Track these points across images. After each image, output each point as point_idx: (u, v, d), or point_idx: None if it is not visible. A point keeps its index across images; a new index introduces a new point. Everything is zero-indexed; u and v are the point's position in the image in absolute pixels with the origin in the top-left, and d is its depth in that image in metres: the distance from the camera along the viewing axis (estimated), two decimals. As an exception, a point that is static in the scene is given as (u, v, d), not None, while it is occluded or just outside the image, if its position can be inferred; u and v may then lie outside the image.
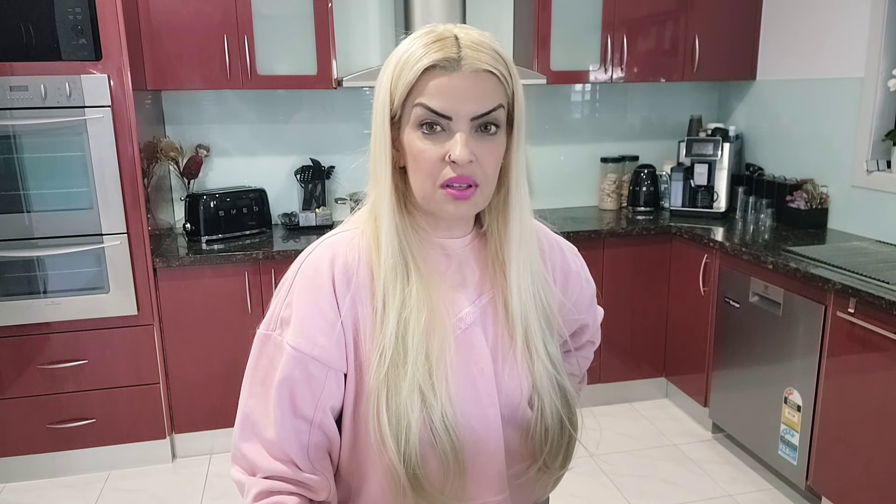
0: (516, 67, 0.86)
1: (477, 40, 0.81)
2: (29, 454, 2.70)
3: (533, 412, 0.92)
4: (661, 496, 2.57)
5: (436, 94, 0.79)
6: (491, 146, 0.83)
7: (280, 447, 0.84)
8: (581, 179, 3.60)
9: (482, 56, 0.80)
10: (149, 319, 2.67)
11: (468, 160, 0.80)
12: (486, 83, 0.80)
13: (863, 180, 2.78)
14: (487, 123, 0.81)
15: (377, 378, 0.83)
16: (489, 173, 0.83)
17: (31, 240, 2.52)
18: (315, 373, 0.84)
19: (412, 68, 0.80)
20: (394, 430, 0.82)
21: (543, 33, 3.05)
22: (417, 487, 0.83)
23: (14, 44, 2.38)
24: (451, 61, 0.79)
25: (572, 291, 1.04)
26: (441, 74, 0.79)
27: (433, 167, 0.82)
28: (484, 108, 0.80)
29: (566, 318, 1.03)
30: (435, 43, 0.80)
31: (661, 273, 3.15)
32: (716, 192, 3.28)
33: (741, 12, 3.24)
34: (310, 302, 0.84)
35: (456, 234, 0.92)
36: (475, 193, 0.83)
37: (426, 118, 0.80)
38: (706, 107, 3.64)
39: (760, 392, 2.60)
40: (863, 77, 2.75)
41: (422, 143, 0.81)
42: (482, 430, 0.89)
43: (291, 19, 2.85)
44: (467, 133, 0.80)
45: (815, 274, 2.27)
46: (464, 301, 0.91)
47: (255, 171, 3.22)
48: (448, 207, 0.83)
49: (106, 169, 2.51)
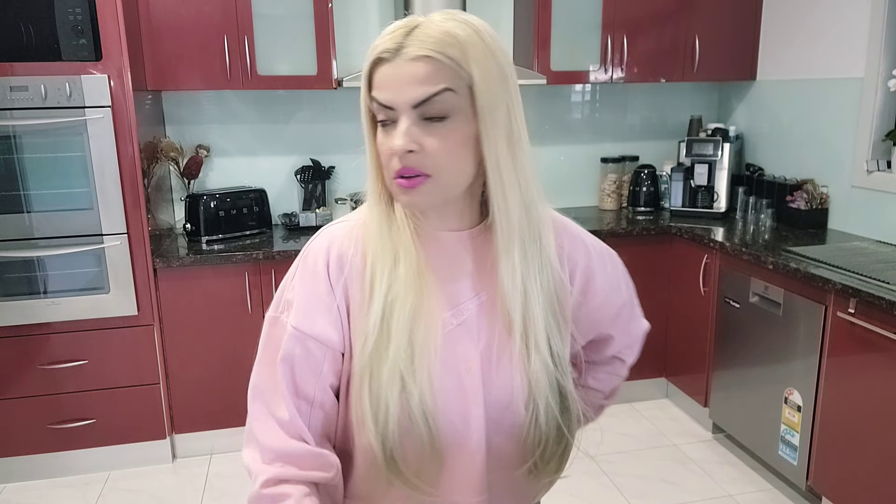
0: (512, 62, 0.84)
1: (433, 25, 0.79)
2: (29, 454, 2.70)
3: (527, 415, 0.89)
4: (661, 496, 2.57)
5: (380, 86, 0.79)
6: (440, 134, 0.79)
7: (293, 424, 0.86)
8: (581, 179, 3.60)
9: (426, 41, 0.77)
10: (149, 320, 2.67)
11: (405, 149, 0.78)
12: (425, 68, 0.77)
13: (863, 180, 2.78)
14: (432, 111, 0.78)
15: (361, 360, 0.85)
16: (441, 162, 0.80)
17: (32, 240, 2.52)
18: (315, 351, 0.86)
19: (366, 63, 0.81)
20: (373, 411, 0.83)
21: (543, 33, 3.05)
22: (393, 469, 0.85)
23: (14, 44, 2.38)
24: (391, 51, 0.78)
25: (594, 295, 0.98)
26: (384, 65, 0.79)
27: (387, 160, 0.81)
28: (423, 94, 0.77)
29: (583, 323, 0.98)
30: (389, 34, 0.79)
31: (661, 273, 3.15)
32: (716, 192, 3.28)
33: (741, 12, 3.24)
34: (309, 286, 0.87)
35: (451, 227, 0.90)
36: (425, 182, 0.80)
37: (378, 111, 0.81)
38: (706, 107, 3.64)
39: (761, 392, 2.60)
40: (863, 77, 2.75)
41: (380, 136, 0.82)
42: (462, 428, 0.88)
43: (291, 19, 2.85)
44: (410, 122, 0.79)
45: (816, 274, 2.27)
46: (459, 297, 0.89)
47: (255, 171, 3.22)
48: (401, 198, 0.83)
49: (106, 169, 2.51)
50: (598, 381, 1.10)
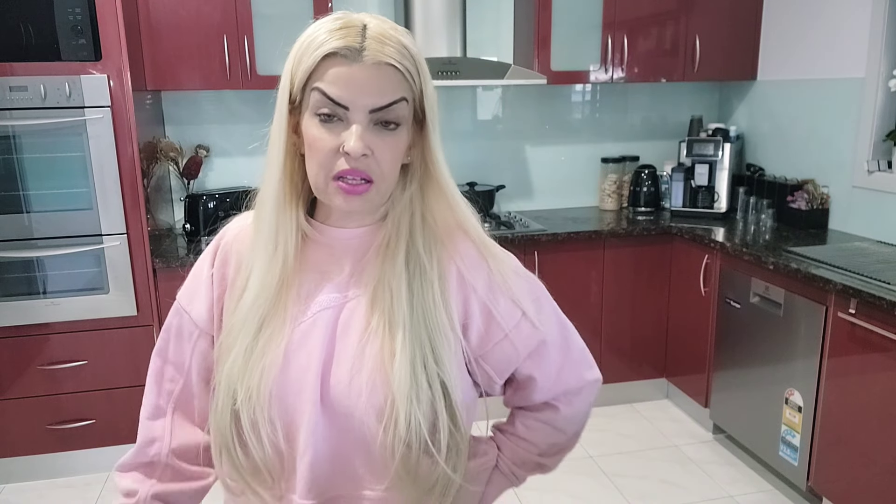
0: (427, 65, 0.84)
1: (386, 33, 0.78)
2: (29, 455, 2.70)
3: (379, 426, 0.81)
4: (661, 497, 2.56)
5: (334, 82, 0.77)
6: (389, 142, 0.80)
7: (152, 403, 0.97)
8: (581, 180, 3.59)
9: (387, 49, 0.77)
10: (148, 320, 2.67)
11: (362, 153, 0.77)
12: (387, 76, 0.78)
13: (864, 181, 2.78)
14: (387, 119, 0.79)
15: (216, 352, 0.89)
16: (385, 170, 0.80)
17: (31, 240, 2.52)
18: (188, 326, 0.93)
19: (312, 53, 0.78)
20: (213, 404, 0.87)
21: (544, 33, 3.04)
22: (228, 460, 0.86)
23: (14, 44, 2.38)
24: (352, 50, 0.77)
25: (497, 326, 0.88)
26: (341, 63, 0.77)
27: (327, 158, 0.79)
28: (383, 101, 0.78)
29: (493, 358, 0.90)
30: (340, 30, 0.78)
31: (661, 273, 3.15)
32: (716, 192, 3.27)
33: (742, 12, 3.23)
34: (197, 270, 0.95)
35: (349, 225, 0.88)
36: (369, 190, 0.80)
37: (322, 105, 0.78)
38: (707, 107, 3.64)
39: (761, 393, 2.60)
40: (863, 77, 2.75)
41: (317, 131, 0.79)
42: (295, 429, 0.85)
43: (291, 19, 2.85)
44: (364, 126, 0.78)
45: (816, 274, 2.26)
46: (321, 291, 0.87)
47: (255, 171, 3.20)
48: (337, 200, 0.81)
49: (106, 169, 2.51)
50: (529, 431, 0.98)
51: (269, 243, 0.85)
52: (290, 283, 0.86)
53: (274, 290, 0.85)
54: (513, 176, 3.49)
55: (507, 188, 3.45)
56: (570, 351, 0.96)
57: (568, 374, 0.96)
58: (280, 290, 0.85)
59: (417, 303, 0.84)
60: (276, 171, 0.85)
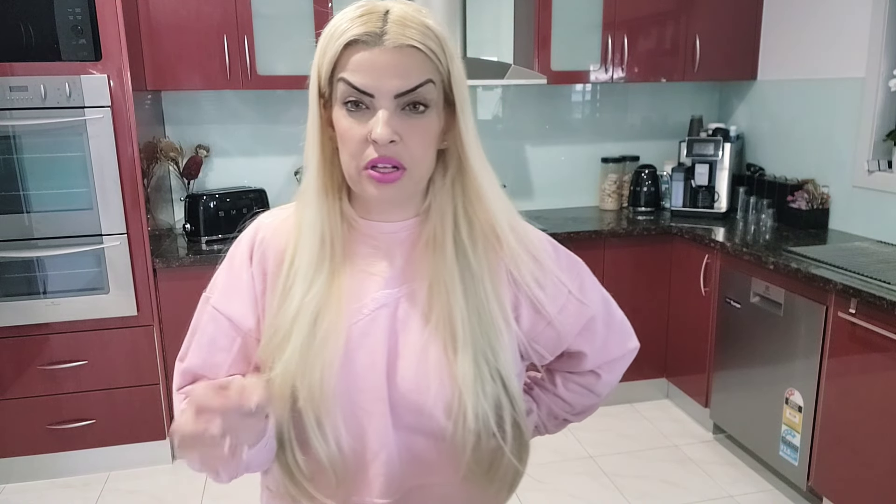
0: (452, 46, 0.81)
1: (408, 15, 0.77)
2: (29, 455, 2.70)
3: (449, 421, 0.83)
4: (661, 497, 2.56)
5: (357, 70, 0.76)
6: (419, 125, 0.78)
7: (202, 371, 0.89)
8: (582, 179, 3.59)
9: (408, 31, 0.76)
10: (149, 320, 2.67)
11: (389, 139, 0.76)
12: (410, 59, 0.76)
13: (864, 180, 2.78)
14: (415, 102, 0.77)
15: (263, 351, 0.85)
16: (417, 155, 0.79)
17: (31, 240, 2.52)
18: (228, 331, 0.88)
19: (335, 43, 0.77)
20: None
21: (544, 33, 3.04)
22: (288, 473, 0.84)
23: (14, 44, 2.38)
24: (372, 36, 0.75)
25: (548, 306, 0.90)
26: (363, 49, 0.76)
27: (357, 147, 0.78)
28: (408, 85, 0.76)
29: (544, 337, 0.92)
30: (361, 17, 0.77)
31: (661, 273, 3.15)
32: (717, 192, 3.27)
33: (742, 12, 3.23)
34: (232, 270, 0.89)
35: (392, 218, 0.87)
36: (402, 177, 0.79)
37: (349, 95, 0.77)
38: (707, 107, 3.64)
39: (761, 393, 2.60)
40: (864, 77, 2.75)
41: (346, 122, 0.79)
42: (362, 427, 0.84)
43: (291, 19, 2.85)
44: (391, 111, 0.77)
45: (817, 274, 2.26)
46: (374, 286, 0.85)
47: (255, 171, 3.22)
48: (370, 190, 0.79)
49: (106, 169, 2.51)
50: (570, 393, 1.02)
51: (315, 237, 0.84)
52: (340, 277, 0.84)
53: (325, 284, 0.83)
54: (513, 176, 3.49)
55: (508, 188, 3.41)
56: (613, 321, 1.00)
57: (613, 344, 1.00)
58: (331, 283, 0.83)
59: (471, 298, 0.84)
60: (315, 167, 0.84)
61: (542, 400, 1.03)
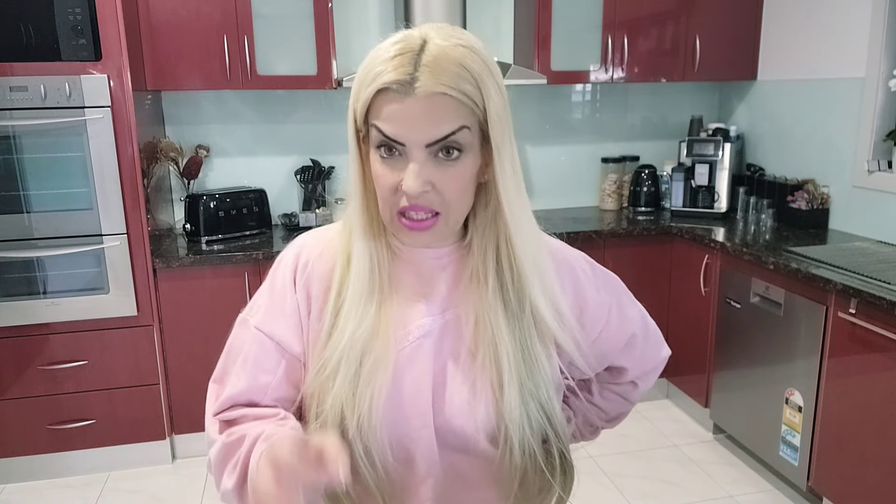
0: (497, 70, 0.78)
1: (443, 54, 0.73)
2: (29, 455, 2.70)
3: (494, 447, 0.84)
4: (661, 497, 2.56)
5: (388, 119, 0.74)
6: (453, 171, 0.77)
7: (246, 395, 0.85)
8: (582, 180, 3.59)
9: (442, 76, 0.72)
10: (149, 320, 2.67)
11: (420, 191, 0.75)
12: (442, 107, 0.73)
13: (864, 180, 2.78)
14: (448, 147, 0.75)
15: (312, 383, 0.84)
16: (452, 199, 0.78)
17: (31, 240, 2.52)
18: (273, 353, 0.85)
19: (367, 88, 0.76)
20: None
21: (544, 33, 3.04)
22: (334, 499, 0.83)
23: (14, 44, 2.38)
24: (403, 84, 0.73)
25: (592, 326, 0.92)
26: (394, 99, 0.74)
27: (389, 194, 0.78)
28: (439, 134, 0.74)
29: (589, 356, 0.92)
30: (395, 58, 0.74)
31: (661, 273, 3.15)
32: (717, 192, 3.27)
33: (742, 12, 3.23)
34: (274, 293, 0.88)
35: (433, 245, 0.87)
36: (436, 223, 0.78)
37: (381, 142, 0.76)
38: (707, 107, 3.64)
39: (761, 393, 2.60)
40: (864, 77, 2.75)
41: (380, 167, 0.78)
42: (409, 452, 0.84)
43: (291, 19, 2.85)
44: (422, 161, 0.75)
45: (817, 274, 2.26)
46: (418, 314, 0.85)
47: (255, 171, 3.22)
48: (404, 237, 0.81)
49: (106, 169, 2.51)
50: (606, 401, 1.05)
51: (364, 270, 0.83)
52: (388, 307, 0.84)
53: (374, 316, 0.83)
54: (513, 176, 3.49)
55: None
56: (650, 334, 1.03)
57: (649, 355, 1.04)
58: (380, 314, 0.83)
59: (516, 333, 0.84)
60: (358, 199, 0.84)
61: (579, 408, 1.05)
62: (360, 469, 0.80)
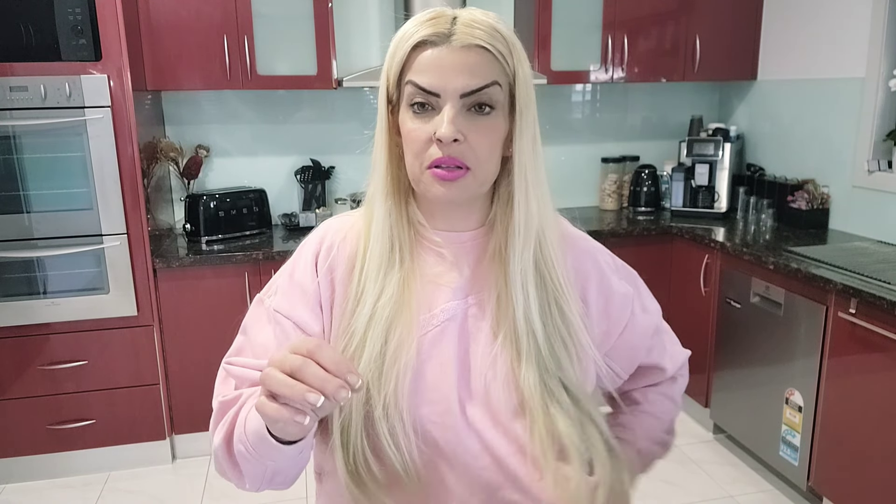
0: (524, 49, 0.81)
1: (476, 18, 0.78)
2: (29, 455, 2.70)
3: (522, 430, 0.83)
4: (661, 497, 2.56)
5: (424, 70, 0.77)
6: (484, 127, 0.78)
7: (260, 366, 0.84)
8: (582, 180, 3.59)
9: (476, 31, 0.77)
10: (149, 320, 2.67)
11: (453, 138, 0.76)
12: (477, 58, 0.77)
13: (864, 180, 2.78)
14: (480, 102, 0.77)
15: None
16: (482, 156, 0.79)
17: (31, 240, 2.52)
18: (290, 333, 0.85)
19: (403, 45, 0.79)
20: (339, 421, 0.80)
21: (544, 33, 3.04)
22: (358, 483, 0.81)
23: (14, 44, 2.38)
24: (440, 36, 0.77)
25: (619, 314, 0.91)
26: (430, 48, 0.77)
27: (421, 147, 0.78)
28: (474, 85, 0.76)
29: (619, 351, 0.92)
30: (430, 21, 0.78)
31: (661, 273, 3.15)
32: (717, 192, 3.27)
33: (742, 12, 3.23)
34: (294, 275, 0.88)
35: (458, 228, 0.87)
36: (465, 176, 0.79)
37: (415, 96, 0.78)
38: (707, 107, 3.64)
39: (761, 393, 2.60)
40: (864, 77, 2.75)
41: (412, 123, 0.79)
42: (434, 436, 0.82)
43: (291, 19, 2.85)
44: (456, 110, 0.77)
45: (817, 274, 2.26)
46: (443, 297, 0.85)
47: (255, 171, 3.22)
48: (434, 189, 0.79)
49: (106, 169, 2.51)
50: (654, 405, 1.01)
51: (384, 240, 0.84)
52: (411, 286, 0.84)
53: (397, 291, 0.82)
54: (513, 176, 3.49)
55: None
56: (666, 326, 1.03)
57: (677, 350, 1.04)
58: (403, 291, 0.83)
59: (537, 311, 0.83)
60: (382, 171, 0.84)
61: (633, 424, 1.00)
62: (386, 451, 0.80)
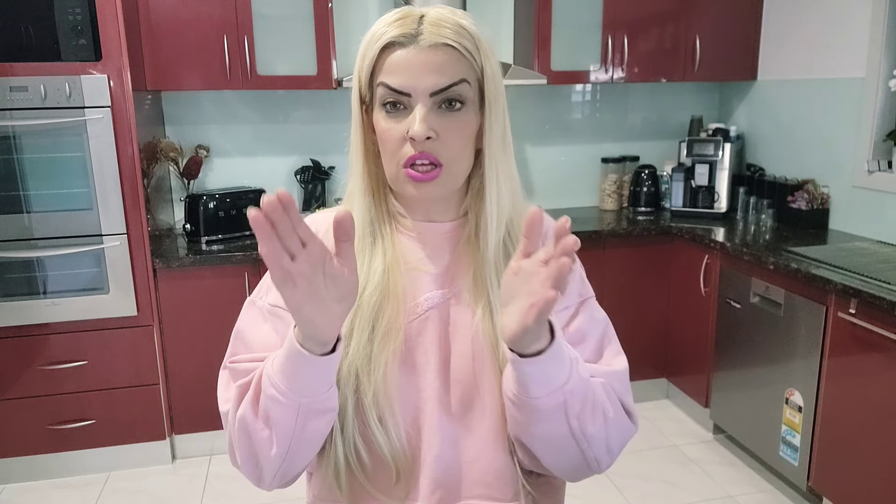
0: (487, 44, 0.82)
1: (443, 17, 0.80)
2: (29, 455, 2.70)
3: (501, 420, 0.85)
4: (661, 497, 2.56)
5: (394, 71, 0.79)
6: (456, 123, 0.80)
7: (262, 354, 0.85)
8: (582, 180, 3.59)
9: (443, 30, 0.79)
10: (149, 320, 2.67)
11: (425, 135, 0.78)
12: (445, 57, 0.79)
13: (864, 180, 2.78)
14: (450, 99, 0.80)
15: None
16: (455, 151, 0.81)
17: (31, 240, 2.52)
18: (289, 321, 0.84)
19: (373, 47, 0.81)
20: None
21: (544, 33, 3.04)
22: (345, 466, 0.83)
23: (14, 44, 2.38)
24: (407, 37, 0.78)
25: (569, 292, 0.92)
26: (399, 49, 0.79)
27: (395, 146, 0.81)
28: (443, 83, 0.79)
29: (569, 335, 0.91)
30: (397, 21, 0.80)
31: (661, 274, 3.15)
32: (717, 192, 3.27)
33: (742, 12, 3.23)
34: None
35: (437, 219, 0.90)
36: (439, 174, 0.81)
37: (387, 96, 0.80)
38: (707, 107, 3.64)
39: (761, 393, 2.60)
40: (864, 77, 2.75)
41: (385, 123, 0.81)
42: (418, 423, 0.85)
43: (291, 19, 2.85)
44: (427, 108, 0.79)
45: (816, 274, 2.26)
46: (425, 286, 0.88)
47: (255, 171, 3.22)
48: (409, 189, 0.82)
49: (106, 169, 2.51)
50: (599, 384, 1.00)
51: (367, 237, 0.86)
52: (395, 275, 0.86)
53: (381, 279, 0.85)
54: (513, 176, 3.49)
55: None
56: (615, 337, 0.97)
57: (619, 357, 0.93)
58: (388, 280, 0.85)
59: None
60: (359, 169, 0.87)
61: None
62: (374, 437, 0.82)
